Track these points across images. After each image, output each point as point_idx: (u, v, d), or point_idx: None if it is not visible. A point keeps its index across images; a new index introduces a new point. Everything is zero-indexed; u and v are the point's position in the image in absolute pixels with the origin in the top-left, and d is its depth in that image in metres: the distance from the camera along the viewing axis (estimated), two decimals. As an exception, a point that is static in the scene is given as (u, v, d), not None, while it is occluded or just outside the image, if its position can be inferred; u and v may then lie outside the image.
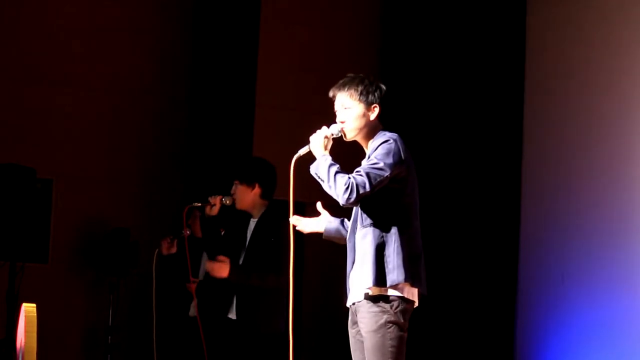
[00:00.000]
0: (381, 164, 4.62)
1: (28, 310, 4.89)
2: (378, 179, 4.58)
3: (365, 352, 4.67)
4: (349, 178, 4.56)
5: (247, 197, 6.40)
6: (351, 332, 4.78)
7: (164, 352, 7.66)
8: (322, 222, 4.95)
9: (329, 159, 4.66)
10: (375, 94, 4.82)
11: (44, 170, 7.99)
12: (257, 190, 6.38)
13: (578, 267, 7.68)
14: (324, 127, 4.75)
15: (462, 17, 8.49)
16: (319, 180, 4.65)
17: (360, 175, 4.57)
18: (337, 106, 4.82)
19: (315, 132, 4.76)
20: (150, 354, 7.20)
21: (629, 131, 7.48)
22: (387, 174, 4.60)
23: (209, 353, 6.46)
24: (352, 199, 4.55)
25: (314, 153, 4.74)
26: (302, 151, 4.78)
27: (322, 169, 4.64)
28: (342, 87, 4.84)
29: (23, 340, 4.83)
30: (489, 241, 8.14)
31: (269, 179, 6.40)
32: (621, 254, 7.40)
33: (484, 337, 8.06)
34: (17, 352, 5.14)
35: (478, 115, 8.31)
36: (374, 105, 4.80)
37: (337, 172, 4.61)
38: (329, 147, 4.74)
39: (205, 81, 8.72)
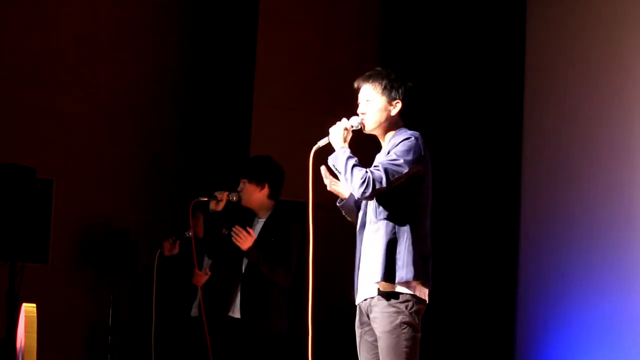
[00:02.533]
0: (400, 161, 4.61)
1: (28, 310, 4.88)
2: (396, 175, 4.57)
3: (380, 352, 4.66)
4: (366, 172, 4.55)
5: (255, 196, 6.39)
6: (358, 331, 4.77)
7: (164, 352, 7.67)
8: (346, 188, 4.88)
9: (348, 151, 4.65)
10: (399, 90, 4.80)
11: (44, 170, 7.99)
12: (266, 190, 6.38)
13: (577, 267, 7.67)
14: (344, 119, 4.74)
15: (462, 17, 8.49)
16: (336, 171, 4.64)
17: (378, 170, 4.56)
18: (361, 98, 4.82)
19: (334, 124, 4.75)
20: (150, 354, 7.21)
21: (630, 131, 7.47)
22: (405, 170, 4.59)
23: (212, 352, 6.46)
24: (367, 193, 4.55)
25: (333, 145, 4.72)
26: (321, 142, 4.75)
27: (340, 160, 4.63)
28: (367, 79, 4.83)
29: (23, 340, 4.83)
30: (489, 241, 8.13)
31: (278, 180, 6.41)
32: (621, 254, 7.40)
33: (484, 336, 8.05)
34: (17, 352, 5.14)
35: (478, 115, 8.31)
36: (397, 100, 4.79)
37: (354, 165, 4.60)
38: (349, 139, 4.73)
39: (203, 81, 8.72)
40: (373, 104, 4.78)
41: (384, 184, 4.54)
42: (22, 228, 7.53)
